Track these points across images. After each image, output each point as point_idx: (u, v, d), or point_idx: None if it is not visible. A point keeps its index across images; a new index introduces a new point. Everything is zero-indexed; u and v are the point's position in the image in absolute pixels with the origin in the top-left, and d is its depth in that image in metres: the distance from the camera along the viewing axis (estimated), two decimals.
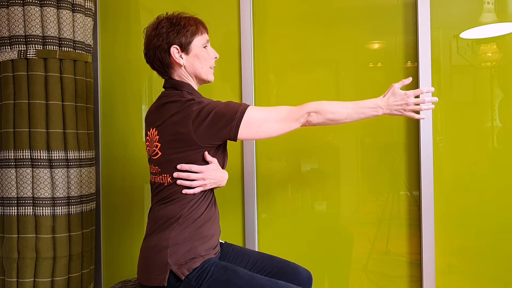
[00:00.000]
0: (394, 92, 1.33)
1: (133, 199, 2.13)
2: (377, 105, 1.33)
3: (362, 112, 1.32)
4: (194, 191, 1.32)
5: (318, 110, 1.31)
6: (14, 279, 1.85)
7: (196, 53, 1.38)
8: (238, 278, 1.25)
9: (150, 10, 2.13)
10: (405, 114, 1.34)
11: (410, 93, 1.32)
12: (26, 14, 1.86)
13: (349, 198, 1.88)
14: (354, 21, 1.86)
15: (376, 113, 1.33)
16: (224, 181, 1.40)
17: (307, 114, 1.31)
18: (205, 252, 1.31)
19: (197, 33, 1.38)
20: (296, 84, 1.92)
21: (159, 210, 1.34)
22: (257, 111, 1.32)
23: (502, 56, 1.70)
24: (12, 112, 1.88)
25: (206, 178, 1.33)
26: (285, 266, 1.44)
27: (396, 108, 1.33)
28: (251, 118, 1.29)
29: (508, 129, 1.69)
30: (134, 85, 2.15)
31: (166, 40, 1.35)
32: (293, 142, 1.92)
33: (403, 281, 1.80)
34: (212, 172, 1.34)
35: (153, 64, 1.41)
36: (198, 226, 1.32)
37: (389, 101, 1.33)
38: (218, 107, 1.29)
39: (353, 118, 1.33)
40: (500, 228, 1.69)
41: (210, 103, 1.31)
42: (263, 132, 1.32)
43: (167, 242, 1.28)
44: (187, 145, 1.30)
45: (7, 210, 1.87)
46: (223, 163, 1.41)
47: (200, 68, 1.39)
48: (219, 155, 1.38)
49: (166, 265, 1.26)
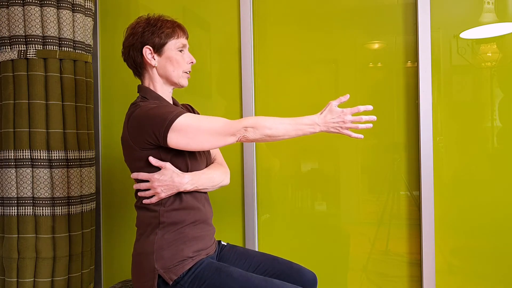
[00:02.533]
0: (331, 110, 1.28)
1: (133, 199, 2.12)
2: (314, 122, 1.28)
3: (299, 129, 1.27)
4: (150, 201, 1.32)
5: (255, 126, 1.25)
6: (14, 279, 1.85)
7: (169, 56, 1.38)
8: (233, 280, 1.24)
9: (150, 10, 2.12)
10: (342, 132, 1.29)
11: (347, 111, 1.27)
12: (26, 14, 1.86)
13: (349, 198, 1.88)
14: (354, 21, 1.86)
15: (313, 130, 1.28)
16: (182, 185, 1.31)
17: (244, 129, 1.26)
18: (194, 254, 1.30)
19: (173, 36, 1.38)
20: (296, 84, 1.92)
21: (140, 216, 1.37)
22: (192, 118, 1.27)
23: (502, 56, 1.70)
24: (12, 112, 1.88)
25: (155, 186, 1.29)
26: (289, 268, 1.42)
27: (332, 126, 1.28)
28: (183, 124, 1.24)
29: (508, 129, 1.69)
30: (134, 85, 2.14)
31: (140, 39, 1.36)
32: (293, 142, 1.92)
33: (403, 281, 1.80)
34: (162, 178, 1.29)
35: (128, 62, 1.44)
36: (181, 229, 1.31)
37: (326, 119, 1.28)
38: (152, 110, 1.27)
39: (290, 135, 1.28)
40: (500, 228, 1.69)
41: (146, 105, 1.29)
42: (195, 143, 1.27)
43: (152, 247, 1.28)
44: (129, 149, 1.33)
45: (7, 210, 1.87)
46: (187, 166, 1.35)
47: (171, 71, 1.39)
48: (178, 157, 1.33)
49: (153, 270, 1.26)
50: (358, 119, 1.28)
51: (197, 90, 2.03)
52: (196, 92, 2.04)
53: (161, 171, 1.31)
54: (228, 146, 1.41)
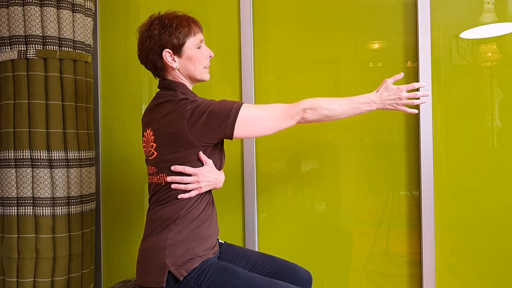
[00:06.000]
0: (387, 87, 1.35)
1: (133, 199, 2.13)
2: (371, 100, 1.34)
3: (356, 108, 1.34)
4: (189, 195, 1.31)
5: (313, 107, 1.31)
6: (14, 279, 1.85)
7: (189, 55, 1.37)
8: (237, 278, 1.25)
9: (150, 10, 2.12)
10: (398, 109, 1.36)
11: (403, 87, 1.34)
12: (26, 14, 1.86)
13: (349, 198, 1.88)
14: (354, 21, 1.86)
15: (370, 108, 1.35)
16: (220, 183, 1.39)
17: (302, 111, 1.32)
18: (203, 252, 1.31)
19: (190, 34, 1.37)
20: (296, 84, 1.92)
21: (156, 212, 1.34)
22: (252, 108, 1.32)
23: (502, 56, 1.70)
24: (12, 112, 1.88)
25: (200, 180, 1.31)
26: (285, 267, 1.43)
27: (389, 103, 1.35)
28: (246, 116, 1.28)
29: (508, 129, 1.69)
30: (134, 85, 2.15)
31: (158, 43, 1.34)
32: (293, 142, 1.92)
33: (403, 281, 1.80)
34: (207, 174, 1.33)
35: (147, 66, 1.41)
36: (196, 226, 1.32)
37: (382, 96, 1.35)
38: (213, 106, 1.28)
39: (348, 114, 1.34)
40: (500, 228, 1.69)
41: (204, 101, 1.30)
42: (258, 130, 1.32)
43: (165, 243, 1.28)
44: (181, 145, 1.29)
45: (7, 210, 1.87)
46: (220, 164, 1.39)
47: (193, 69, 1.38)
48: (216, 155, 1.36)
49: (164, 266, 1.26)
50: (413, 95, 1.35)
51: (197, 90, 2.03)
52: (196, 92, 2.04)
53: (206, 167, 1.32)
54: (228, 147, 1.42)
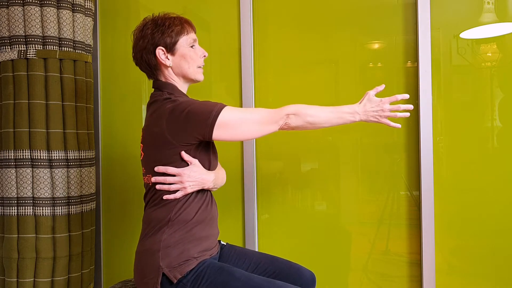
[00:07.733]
0: (369, 99, 1.33)
1: (133, 199, 2.13)
2: (355, 110, 1.32)
3: (340, 117, 1.31)
4: (175, 196, 1.30)
5: (297, 113, 1.29)
6: (14, 279, 1.85)
7: (183, 53, 1.37)
8: (235, 279, 1.24)
9: (150, 10, 2.12)
10: (381, 121, 1.33)
11: (386, 99, 1.32)
12: (26, 14, 1.86)
13: (349, 198, 1.88)
14: (354, 21, 1.86)
15: (353, 118, 1.32)
16: (208, 183, 1.34)
17: (286, 116, 1.29)
18: (199, 254, 1.30)
19: (183, 33, 1.37)
20: (296, 84, 1.92)
21: (150, 213, 1.34)
22: (235, 112, 1.29)
23: (502, 56, 1.70)
24: (12, 112, 1.88)
25: (184, 181, 1.29)
26: (288, 268, 1.42)
27: (372, 115, 1.32)
28: (227, 118, 1.26)
29: (508, 129, 1.69)
30: (134, 85, 2.15)
31: (151, 41, 1.35)
32: (293, 142, 1.92)
33: (403, 281, 1.80)
34: (192, 174, 1.30)
35: (141, 66, 1.41)
36: (190, 228, 1.31)
37: (365, 107, 1.32)
38: (193, 106, 1.27)
39: (332, 123, 1.32)
40: (499, 228, 1.69)
41: (186, 101, 1.29)
42: (240, 133, 1.30)
43: (159, 245, 1.27)
44: (162, 144, 1.29)
45: (7, 210, 1.87)
46: (209, 164, 1.37)
47: (186, 68, 1.38)
48: (202, 155, 1.34)
49: (158, 268, 1.25)
50: (396, 107, 1.32)
51: (197, 90, 2.03)
52: (196, 92, 2.04)
53: (191, 167, 1.30)
54: (228, 147, 1.41)
